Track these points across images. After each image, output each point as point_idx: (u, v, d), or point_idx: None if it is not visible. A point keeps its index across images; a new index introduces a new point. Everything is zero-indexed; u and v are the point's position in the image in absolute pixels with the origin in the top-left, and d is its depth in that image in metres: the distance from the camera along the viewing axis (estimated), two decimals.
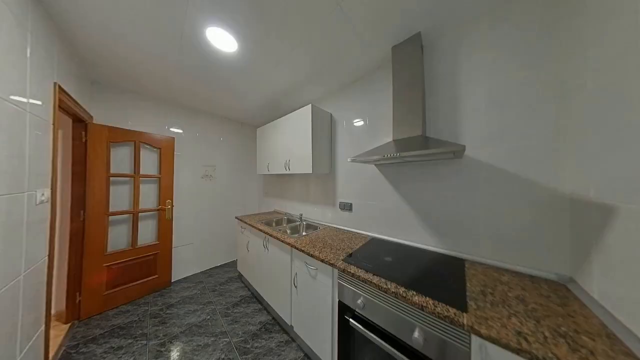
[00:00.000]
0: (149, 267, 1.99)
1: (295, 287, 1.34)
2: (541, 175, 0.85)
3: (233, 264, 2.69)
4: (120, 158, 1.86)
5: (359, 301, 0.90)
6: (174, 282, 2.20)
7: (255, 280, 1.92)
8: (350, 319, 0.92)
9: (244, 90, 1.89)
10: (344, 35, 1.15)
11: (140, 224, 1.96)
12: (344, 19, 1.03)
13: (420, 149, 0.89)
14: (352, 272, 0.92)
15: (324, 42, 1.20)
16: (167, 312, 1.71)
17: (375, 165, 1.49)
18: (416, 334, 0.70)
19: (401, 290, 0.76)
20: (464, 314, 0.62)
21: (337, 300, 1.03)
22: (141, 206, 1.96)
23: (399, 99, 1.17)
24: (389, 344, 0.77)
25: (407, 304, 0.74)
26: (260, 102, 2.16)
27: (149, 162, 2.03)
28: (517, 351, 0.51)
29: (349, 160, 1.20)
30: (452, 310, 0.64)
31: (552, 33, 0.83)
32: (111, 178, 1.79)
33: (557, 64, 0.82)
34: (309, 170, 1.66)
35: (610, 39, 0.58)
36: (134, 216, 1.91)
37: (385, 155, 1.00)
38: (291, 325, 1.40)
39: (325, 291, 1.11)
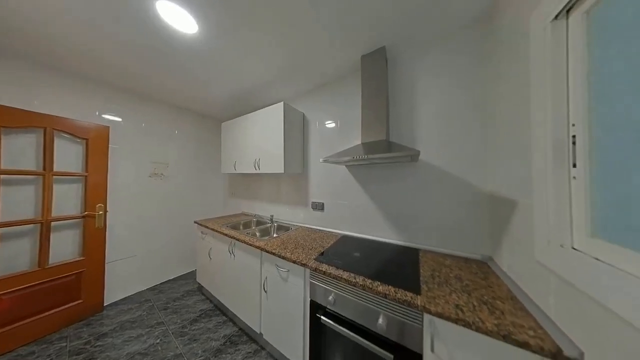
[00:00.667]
0: (68, 291, 1.55)
1: (266, 291, 1.28)
2: (473, 177, 1.07)
3: (191, 275, 2.37)
4: (19, 149, 1.38)
5: (330, 297, 0.93)
6: (108, 305, 1.79)
7: (218, 290, 1.75)
8: (322, 317, 0.94)
9: (206, 80, 1.68)
10: (317, 37, 1.16)
11: (55, 236, 1.52)
12: (317, 19, 1.04)
13: (384, 152, 0.98)
14: (324, 270, 0.95)
15: (298, 41, 1.19)
16: (97, 344, 1.38)
17: (346, 166, 1.56)
18: (380, 320, 0.77)
19: (368, 282, 0.83)
20: (418, 296, 0.72)
21: (309, 299, 1.04)
22: (56, 213, 1.51)
23: (367, 105, 1.26)
24: (357, 334, 0.83)
25: (373, 294, 0.81)
26: (226, 95, 1.97)
27: (70, 156, 1.58)
28: (456, 320, 0.62)
29: (321, 160, 1.22)
30: (409, 295, 0.73)
31: (482, 64, 1.05)
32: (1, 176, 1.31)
33: (484, 89, 1.04)
34: (280, 169, 1.61)
35: (511, 76, 0.78)
36: (44, 226, 1.45)
37: (355, 157, 1.06)
38: (260, 333, 1.33)
39: (297, 292, 1.10)
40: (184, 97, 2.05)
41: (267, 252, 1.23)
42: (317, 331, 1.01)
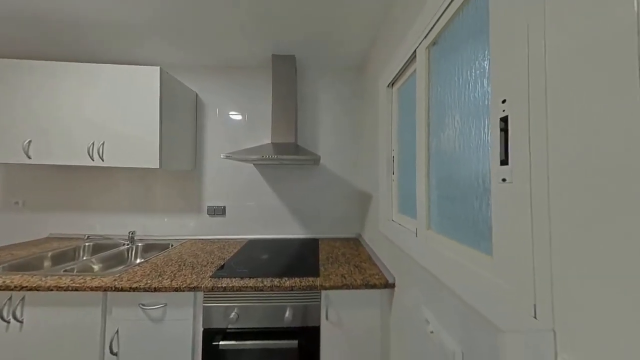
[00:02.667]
0: None
1: (115, 354, 0.82)
2: (352, 179, 1.49)
3: None
4: None
5: (232, 315, 0.82)
6: None
7: None
8: (221, 342, 0.80)
9: None
10: (225, 13, 0.96)
11: None
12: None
13: (294, 155, 1.05)
14: (224, 285, 0.81)
15: None
16: None
17: (254, 164, 1.46)
18: (287, 313, 0.82)
19: (276, 281, 0.83)
20: (318, 278, 0.86)
21: (201, 330, 0.83)
22: None
23: (278, 105, 1.27)
24: (262, 339, 0.81)
25: (281, 291, 0.83)
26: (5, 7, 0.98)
27: None
28: (342, 287, 0.83)
29: (222, 156, 1.03)
30: (311, 279, 0.85)
31: (357, 97, 1.49)
32: None
33: (357, 117, 1.49)
34: (153, 164, 1.12)
35: (371, 112, 1.20)
36: None
37: (264, 156, 1.03)
38: None
39: (182, 329, 0.83)
40: None
41: (119, 290, 0.79)
42: None
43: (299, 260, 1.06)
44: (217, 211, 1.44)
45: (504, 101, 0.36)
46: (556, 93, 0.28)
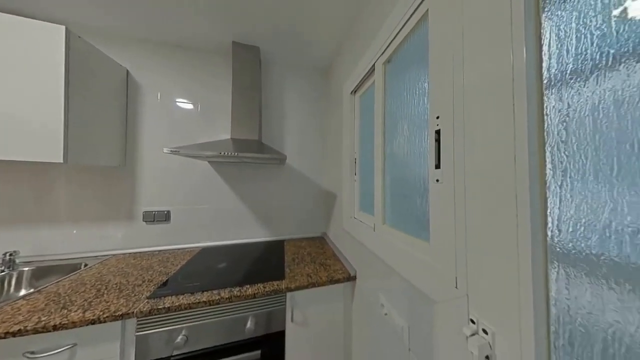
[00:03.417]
0: None
1: None
2: (318, 179, 1.52)
3: None
4: None
5: (179, 338, 0.70)
6: None
7: None
8: None
9: None
10: None
11: None
12: None
13: (258, 153, 0.99)
14: (168, 305, 0.68)
15: None
16: None
17: (210, 162, 1.29)
18: (249, 323, 0.76)
19: (236, 291, 0.76)
20: (283, 281, 0.84)
21: None
22: None
23: (239, 98, 1.16)
24: (219, 358, 0.73)
25: (242, 301, 0.76)
26: None
27: None
28: (307, 286, 0.83)
29: (166, 151, 0.86)
30: (276, 283, 0.82)
31: (323, 99, 1.53)
32: None
33: (323, 119, 1.53)
34: (54, 156, 0.83)
35: (336, 115, 1.26)
36: None
37: (223, 153, 0.92)
38: None
39: None
40: None
41: None
42: None
43: (264, 264, 1.00)
44: (159, 217, 1.19)
45: (438, 117, 0.44)
46: (469, 114, 0.37)
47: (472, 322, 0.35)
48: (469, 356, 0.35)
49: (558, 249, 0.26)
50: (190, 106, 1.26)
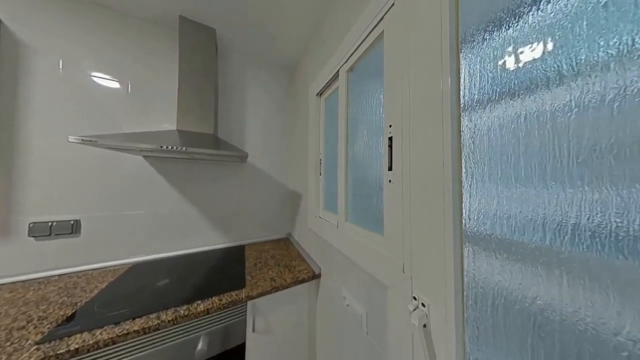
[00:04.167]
0: None
1: None
2: (283, 179, 1.47)
3: None
4: None
5: None
6: None
7: None
8: None
9: None
10: None
11: None
12: None
13: (214, 149, 0.87)
14: (76, 347, 0.52)
15: None
16: None
17: (145, 157, 1.05)
18: (200, 344, 0.66)
19: (182, 310, 0.65)
20: (243, 290, 0.77)
21: None
22: None
23: (188, 84, 1.00)
24: None
25: (191, 321, 0.66)
26: None
27: None
28: (271, 290, 0.79)
29: (73, 140, 0.64)
30: (235, 293, 0.75)
31: (289, 99, 1.50)
32: None
33: (289, 118, 1.50)
34: None
35: (301, 115, 1.26)
36: None
37: (167, 147, 0.77)
38: None
39: None
40: None
41: None
42: None
43: (220, 274, 0.89)
44: (60, 229, 0.88)
45: (390, 126, 0.51)
46: (413, 126, 0.44)
47: (415, 299, 0.42)
48: (412, 328, 0.42)
49: (469, 233, 0.34)
50: (115, 85, 0.99)
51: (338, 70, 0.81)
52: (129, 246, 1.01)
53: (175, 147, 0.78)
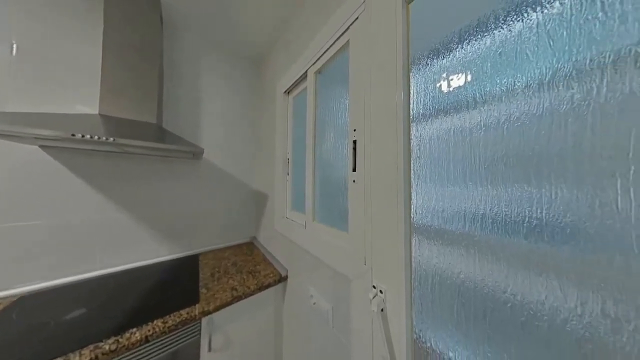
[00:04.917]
0: None
1: None
2: (247, 179, 1.37)
3: None
4: None
5: None
6: None
7: None
8: None
9: None
10: None
11: None
12: None
13: (157, 142, 0.72)
14: None
15: None
16: None
17: (44, 147, 0.78)
18: None
19: (108, 345, 0.52)
20: (196, 305, 0.67)
21: None
22: None
23: (119, 58, 0.80)
24: None
25: (123, 355, 0.53)
26: None
27: None
28: (232, 301, 0.73)
29: None
30: (185, 311, 0.65)
31: (255, 94, 1.40)
32: None
33: (255, 114, 1.41)
34: None
35: (269, 113, 1.20)
36: None
37: (82, 136, 0.59)
38: None
39: None
40: None
41: None
42: None
43: (165, 291, 0.75)
44: None
45: (355, 130, 0.55)
46: (374, 131, 0.49)
47: (374, 287, 0.46)
48: (371, 315, 0.46)
49: (416, 225, 0.41)
50: None
51: (307, 71, 0.81)
52: (18, 271, 0.72)
53: (99, 137, 0.61)
